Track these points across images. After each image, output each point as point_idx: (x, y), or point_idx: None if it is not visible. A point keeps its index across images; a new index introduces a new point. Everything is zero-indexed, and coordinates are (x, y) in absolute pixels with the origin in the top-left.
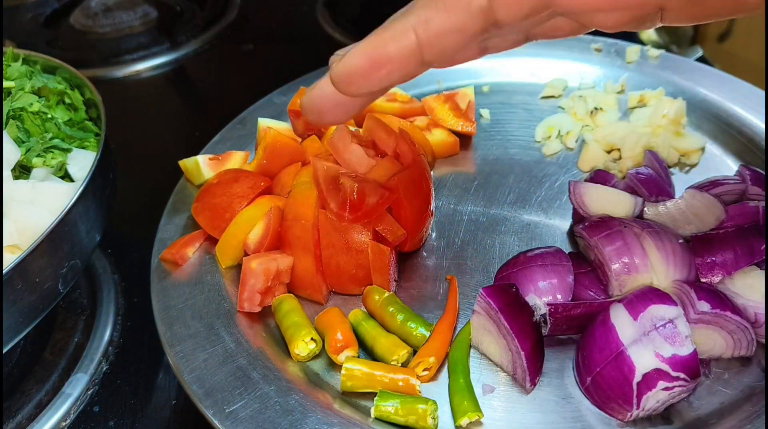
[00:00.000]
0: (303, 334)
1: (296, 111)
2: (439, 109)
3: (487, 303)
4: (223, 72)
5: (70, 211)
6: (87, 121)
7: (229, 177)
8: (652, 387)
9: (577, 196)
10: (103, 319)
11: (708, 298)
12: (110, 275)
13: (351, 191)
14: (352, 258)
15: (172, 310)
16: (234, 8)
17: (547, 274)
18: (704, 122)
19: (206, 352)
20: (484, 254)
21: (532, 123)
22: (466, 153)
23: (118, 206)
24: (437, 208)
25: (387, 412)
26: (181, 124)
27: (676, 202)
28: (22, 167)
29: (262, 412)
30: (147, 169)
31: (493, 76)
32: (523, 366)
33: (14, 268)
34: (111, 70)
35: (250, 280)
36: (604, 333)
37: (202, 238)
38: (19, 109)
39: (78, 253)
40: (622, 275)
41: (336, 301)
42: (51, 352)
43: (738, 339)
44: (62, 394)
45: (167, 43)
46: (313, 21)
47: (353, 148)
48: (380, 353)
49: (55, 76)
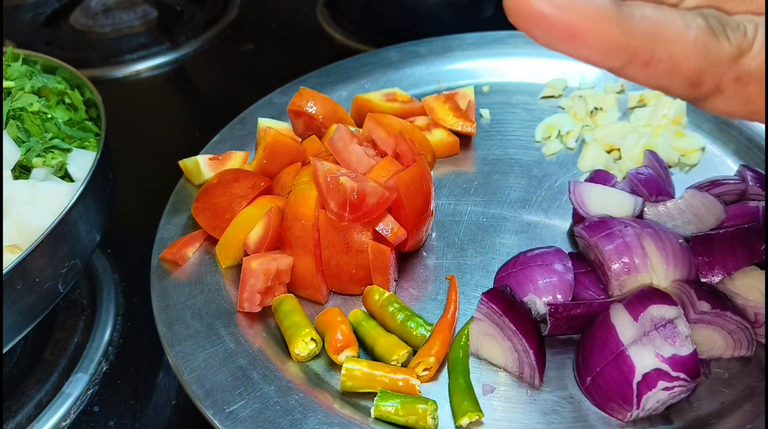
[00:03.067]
0: (303, 334)
1: (296, 111)
2: (439, 109)
3: (489, 307)
4: (223, 72)
5: (70, 211)
6: (87, 121)
7: (229, 177)
8: (652, 387)
9: (577, 196)
10: (103, 319)
11: (708, 298)
12: (110, 275)
13: (351, 191)
14: (352, 258)
15: (172, 310)
16: (234, 8)
17: (547, 274)
18: (704, 122)
19: (206, 352)
20: (484, 254)
21: (532, 123)
22: (466, 153)
23: (118, 206)
24: (437, 208)
25: (387, 412)
26: (181, 124)
27: (676, 202)
28: (22, 167)
29: (262, 412)
30: (147, 169)
31: (493, 76)
32: (531, 364)
33: (14, 268)
34: (111, 70)
35: (250, 280)
36: (604, 333)
37: (202, 238)
38: (19, 109)
39: (78, 253)
40: (622, 275)
41: (336, 301)
42: (51, 352)
43: (738, 339)
44: (62, 394)
45: (167, 43)
46: (313, 21)
47: (353, 148)
48: (380, 353)
49: (55, 76)
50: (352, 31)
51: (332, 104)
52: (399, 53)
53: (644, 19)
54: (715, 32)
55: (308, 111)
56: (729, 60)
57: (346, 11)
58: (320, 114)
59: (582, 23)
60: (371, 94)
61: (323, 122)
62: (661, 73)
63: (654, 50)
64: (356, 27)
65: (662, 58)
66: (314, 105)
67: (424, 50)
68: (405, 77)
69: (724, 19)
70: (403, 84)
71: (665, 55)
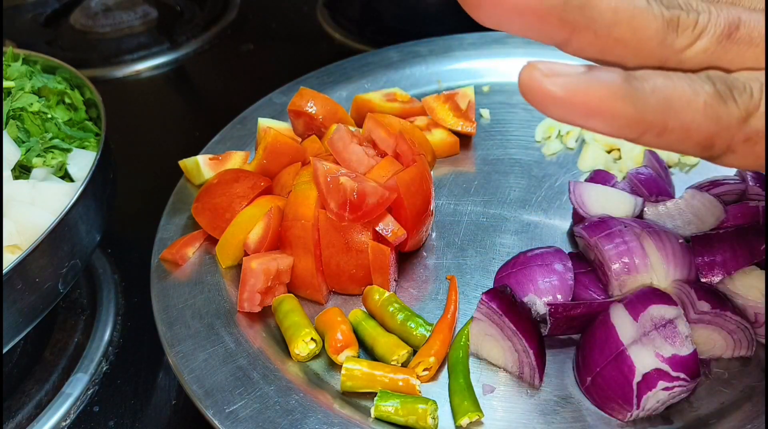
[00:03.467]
0: (303, 334)
1: (296, 111)
2: (439, 109)
3: (489, 307)
4: (223, 72)
5: (70, 211)
6: (87, 121)
7: (229, 177)
8: (652, 387)
9: (577, 196)
10: (103, 319)
11: (708, 298)
12: (110, 275)
13: (351, 191)
14: (352, 258)
15: (172, 310)
16: (234, 8)
17: (547, 274)
18: None
19: (206, 352)
20: (484, 254)
21: (532, 123)
22: (466, 153)
23: (118, 206)
24: (437, 208)
25: (387, 412)
26: (181, 124)
27: (676, 202)
28: (22, 167)
29: (262, 412)
30: (147, 169)
31: (493, 76)
32: (531, 364)
33: (14, 268)
34: (111, 70)
35: (250, 280)
36: (604, 333)
37: (202, 238)
38: (19, 109)
39: (78, 253)
40: (622, 275)
41: (336, 301)
42: (51, 352)
43: (738, 339)
44: (62, 394)
45: (167, 43)
46: (313, 21)
47: (353, 148)
48: (380, 353)
49: (55, 76)
50: (352, 31)
51: (332, 104)
52: (399, 53)
53: (655, 92)
54: (724, 97)
55: (308, 111)
56: (738, 122)
57: (346, 11)
58: (320, 114)
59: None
60: (371, 94)
61: (323, 122)
62: (674, 141)
63: (666, 121)
64: (356, 27)
65: (674, 127)
66: (314, 105)
67: (424, 50)
68: (405, 77)
69: (731, 82)
70: (403, 84)
71: (677, 124)
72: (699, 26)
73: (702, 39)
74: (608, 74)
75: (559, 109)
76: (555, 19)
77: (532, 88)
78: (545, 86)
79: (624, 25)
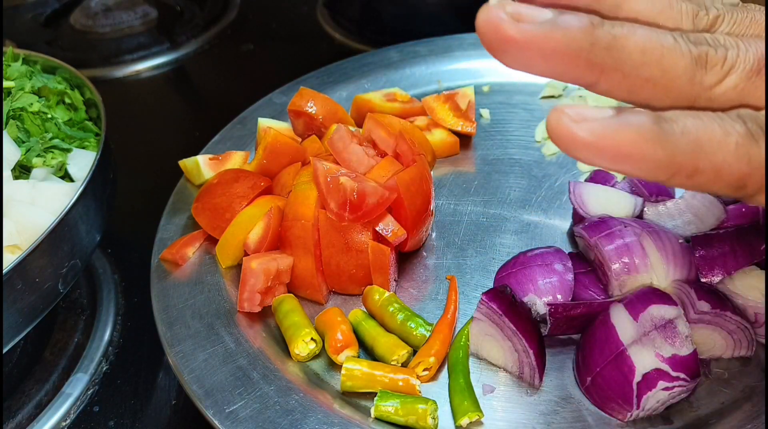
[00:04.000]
0: (303, 334)
1: (296, 111)
2: (439, 109)
3: (489, 307)
4: (223, 72)
5: (70, 211)
6: (87, 121)
7: (229, 177)
8: (652, 387)
9: (577, 196)
10: (103, 319)
11: (708, 298)
12: (110, 275)
13: (351, 191)
14: (352, 258)
15: (172, 310)
16: (234, 8)
17: (547, 274)
18: None
19: (206, 352)
20: (484, 254)
21: (532, 123)
22: (466, 153)
23: (118, 206)
24: (437, 208)
25: (387, 412)
26: (181, 124)
27: (676, 202)
28: (22, 167)
29: (262, 412)
30: (147, 169)
31: (493, 76)
32: (531, 364)
33: (14, 268)
34: (111, 70)
35: (250, 280)
36: (604, 333)
37: (202, 238)
38: (19, 109)
39: (78, 253)
40: (622, 275)
41: (336, 301)
42: (51, 352)
43: (738, 339)
44: (62, 394)
45: (167, 43)
46: (313, 21)
47: (353, 148)
48: (380, 353)
49: (55, 76)
50: (352, 31)
51: (332, 104)
52: (399, 53)
53: (685, 134)
54: (755, 137)
55: (308, 111)
56: None
57: (346, 11)
58: (320, 114)
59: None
60: (371, 94)
61: (323, 122)
62: (705, 182)
63: (697, 163)
64: (356, 27)
65: (705, 169)
66: (314, 105)
67: (424, 50)
68: (405, 77)
69: (761, 121)
70: (403, 84)
71: (708, 166)
72: (728, 62)
73: (731, 75)
74: (637, 117)
75: (589, 154)
76: (582, 61)
77: (561, 134)
78: (574, 132)
79: (653, 65)
